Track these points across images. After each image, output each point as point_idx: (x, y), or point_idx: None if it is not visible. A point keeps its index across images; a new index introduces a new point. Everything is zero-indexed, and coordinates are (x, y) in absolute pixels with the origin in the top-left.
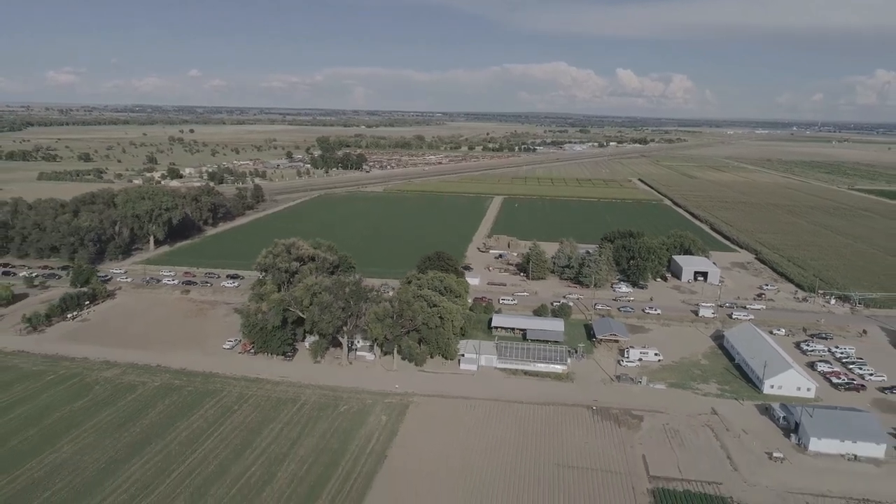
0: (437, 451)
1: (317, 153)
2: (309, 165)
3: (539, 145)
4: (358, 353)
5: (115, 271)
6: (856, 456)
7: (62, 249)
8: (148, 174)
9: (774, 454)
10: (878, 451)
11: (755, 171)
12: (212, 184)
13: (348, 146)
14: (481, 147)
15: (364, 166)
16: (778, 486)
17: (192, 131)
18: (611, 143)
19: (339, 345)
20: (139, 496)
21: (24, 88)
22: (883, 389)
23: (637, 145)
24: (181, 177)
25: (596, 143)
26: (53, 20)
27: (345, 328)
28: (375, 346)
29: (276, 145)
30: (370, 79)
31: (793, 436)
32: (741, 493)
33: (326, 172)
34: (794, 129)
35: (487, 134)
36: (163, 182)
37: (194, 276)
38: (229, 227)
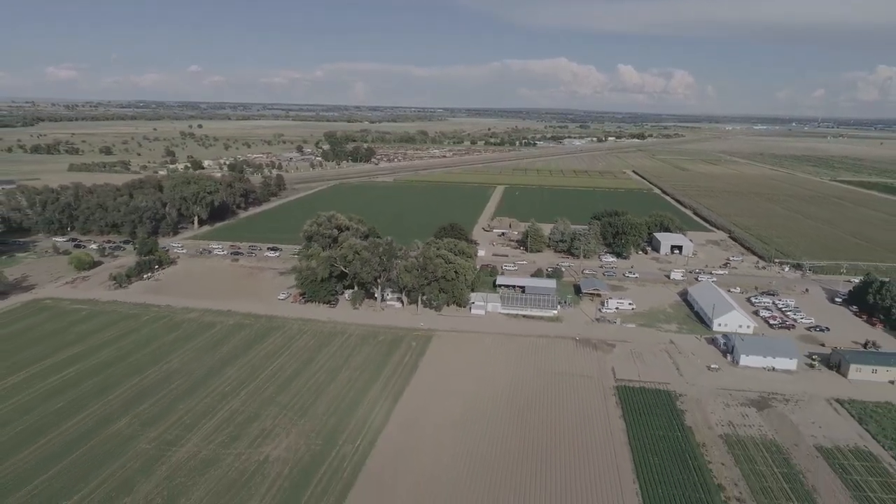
0: (457, 365)
1: (325, 147)
2: (320, 158)
3: (539, 140)
4: (388, 302)
5: (173, 244)
6: (774, 368)
7: (124, 226)
8: (171, 166)
9: (712, 366)
10: (791, 364)
11: (746, 164)
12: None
13: (355, 141)
14: (483, 142)
15: (373, 159)
16: (711, 385)
17: (200, 126)
18: (609, 138)
19: (373, 297)
20: (239, 388)
21: (24, 84)
22: (809, 328)
23: (635, 140)
24: (203, 168)
25: (595, 139)
26: (52, 15)
27: (379, 280)
28: (403, 296)
29: (285, 140)
30: (370, 74)
31: (728, 355)
32: (682, 389)
33: (338, 164)
34: (793, 124)
35: (489, 129)
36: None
37: (240, 248)
38: (259, 211)
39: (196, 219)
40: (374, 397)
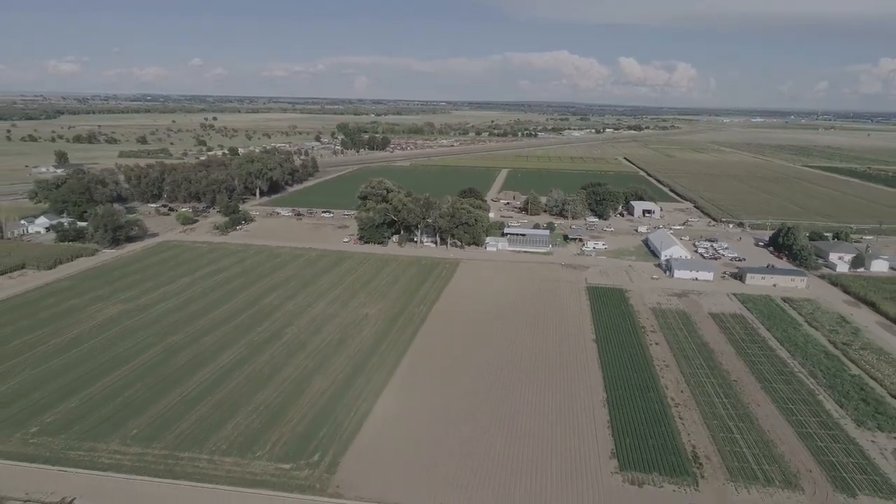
0: (478, 277)
1: (340, 137)
2: (340, 147)
3: (540, 132)
4: (425, 244)
5: (249, 209)
6: (697, 278)
7: (206, 195)
8: (210, 153)
9: (653, 277)
10: (709, 276)
11: (730, 152)
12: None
13: (366, 132)
14: (487, 133)
15: (388, 148)
16: (651, 286)
17: (215, 119)
18: (607, 130)
19: (413, 240)
20: (336, 286)
21: (25, 77)
22: (731, 259)
23: (631, 132)
24: (238, 155)
25: (593, 130)
26: (52, 7)
27: (419, 225)
28: (436, 238)
29: (299, 131)
30: (371, 67)
31: (667, 271)
32: (631, 288)
33: (357, 152)
34: (791, 117)
35: (492, 121)
36: None
37: (300, 211)
38: (303, 187)
39: (258, 190)
40: (426, 289)
